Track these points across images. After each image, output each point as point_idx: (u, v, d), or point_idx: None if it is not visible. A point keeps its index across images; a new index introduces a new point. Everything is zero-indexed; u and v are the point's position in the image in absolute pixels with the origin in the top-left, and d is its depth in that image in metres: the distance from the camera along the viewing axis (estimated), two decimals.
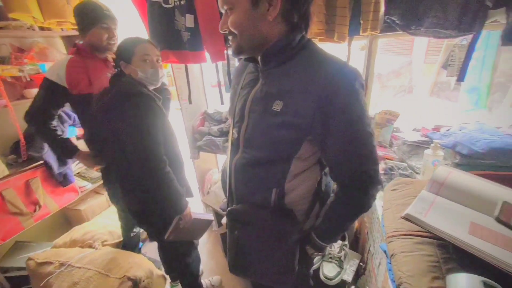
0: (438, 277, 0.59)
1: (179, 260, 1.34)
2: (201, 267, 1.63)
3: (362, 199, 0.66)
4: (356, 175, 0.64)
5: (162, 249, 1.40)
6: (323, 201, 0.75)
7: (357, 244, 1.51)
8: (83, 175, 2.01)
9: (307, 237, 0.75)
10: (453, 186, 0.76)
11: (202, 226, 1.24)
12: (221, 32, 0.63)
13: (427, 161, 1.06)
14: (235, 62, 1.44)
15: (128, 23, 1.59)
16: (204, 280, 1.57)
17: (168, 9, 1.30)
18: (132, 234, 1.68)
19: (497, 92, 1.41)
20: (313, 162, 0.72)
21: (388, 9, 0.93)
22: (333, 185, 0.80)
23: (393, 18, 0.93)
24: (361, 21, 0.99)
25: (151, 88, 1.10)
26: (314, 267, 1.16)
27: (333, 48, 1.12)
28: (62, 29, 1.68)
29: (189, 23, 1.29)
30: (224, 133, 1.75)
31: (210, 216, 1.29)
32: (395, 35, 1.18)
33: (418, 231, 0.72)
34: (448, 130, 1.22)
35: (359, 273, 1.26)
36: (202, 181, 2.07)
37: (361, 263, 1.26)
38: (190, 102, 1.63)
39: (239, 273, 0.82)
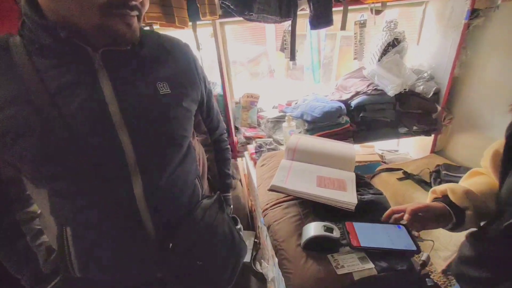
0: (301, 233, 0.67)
1: None
2: None
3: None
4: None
5: None
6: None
7: (254, 223, 1.61)
8: None
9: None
10: (301, 150, 0.89)
11: None
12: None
13: (285, 132, 1.21)
14: None
15: None
16: None
17: None
18: None
19: (324, 70, 1.82)
20: None
21: None
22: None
23: (227, 3, 0.95)
24: (198, 5, 0.95)
25: None
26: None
27: (177, 34, 1.05)
28: None
29: None
30: None
31: None
32: (238, 22, 1.24)
33: (284, 197, 0.80)
34: (296, 103, 1.45)
35: (256, 248, 1.34)
36: None
37: (256, 240, 1.34)
38: None
39: None
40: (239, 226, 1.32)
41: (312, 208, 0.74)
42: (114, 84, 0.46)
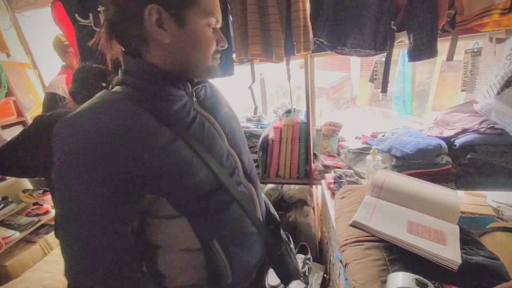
0: (386, 280, 0.61)
1: None
2: None
3: None
4: None
5: None
6: None
7: (322, 255, 1.53)
8: (8, 223, 1.69)
9: None
10: (390, 189, 0.82)
11: None
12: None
13: (369, 166, 1.14)
14: None
15: None
16: None
17: None
18: None
19: (417, 100, 1.64)
20: None
21: (315, 32, 1.02)
22: None
23: (321, 40, 1.02)
24: (294, 43, 1.06)
25: None
26: (277, 285, 1.12)
27: (270, 66, 1.20)
28: None
29: None
30: None
31: None
32: (327, 54, 1.29)
33: (366, 236, 0.75)
34: (383, 135, 1.35)
35: (325, 284, 1.26)
36: None
37: (325, 275, 1.26)
38: None
39: None
40: (309, 256, 1.29)
41: (399, 256, 0.67)
42: (209, 111, 0.58)
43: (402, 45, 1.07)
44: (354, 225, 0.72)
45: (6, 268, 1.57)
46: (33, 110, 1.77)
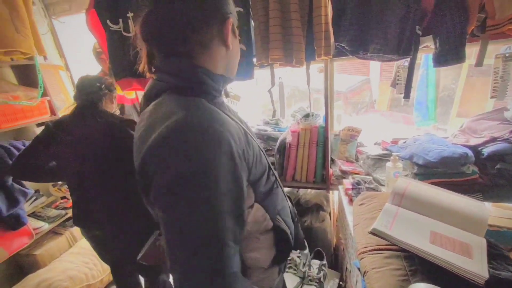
0: None
1: None
2: None
3: None
4: None
5: None
6: None
7: (337, 262, 1.50)
8: (39, 215, 1.81)
9: None
10: (412, 197, 0.80)
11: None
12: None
13: (389, 173, 1.12)
14: None
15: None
16: None
17: (128, 38, 1.29)
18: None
19: (441, 106, 1.57)
20: None
21: (336, 37, 1.02)
22: None
23: (342, 45, 1.02)
24: (315, 47, 1.06)
25: None
26: None
27: (290, 70, 1.20)
28: (12, 59, 1.58)
29: None
30: None
31: None
32: (348, 59, 1.28)
33: (386, 245, 0.74)
34: (404, 142, 1.32)
35: None
36: None
37: (341, 282, 1.24)
38: None
39: None
40: (324, 262, 1.28)
41: (420, 267, 0.66)
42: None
43: (426, 50, 1.04)
44: (374, 232, 0.71)
45: (36, 257, 1.67)
46: (63, 109, 1.88)
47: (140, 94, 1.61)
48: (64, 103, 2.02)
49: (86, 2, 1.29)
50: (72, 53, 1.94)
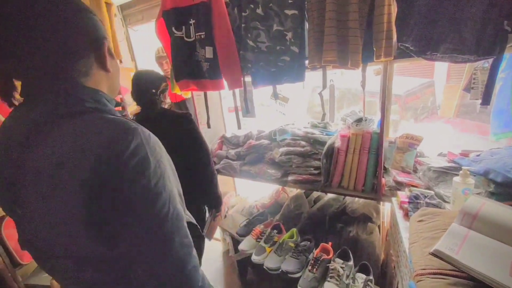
0: None
1: None
2: None
3: None
4: None
5: None
6: None
7: (384, 279, 1.38)
8: None
9: None
10: (488, 219, 0.69)
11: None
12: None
13: (456, 189, 0.98)
14: (252, 89, 1.49)
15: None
16: None
17: (189, 42, 1.41)
18: None
19: None
20: None
21: (400, 36, 0.94)
22: None
23: (406, 45, 0.93)
24: (374, 48, 1.00)
25: None
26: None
27: (344, 73, 1.14)
28: None
29: (208, 54, 1.38)
30: (241, 157, 1.76)
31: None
32: (412, 60, 1.17)
33: (450, 270, 0.65)
34: (478, 155, 1.14)
35: None
36: None
37: None
38: (209, 126, 1.69)
39: None
40: (371, 277, 1.19)
41: None
42: None
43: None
44: (436, 254, 0.64)
45: None
46: (132, 106, 2.15)
47: (196, 94, 1.74)
48: (133, 101, 2.31)
49: (156, 12, 1.45)
50: (140, 57, 2.21)
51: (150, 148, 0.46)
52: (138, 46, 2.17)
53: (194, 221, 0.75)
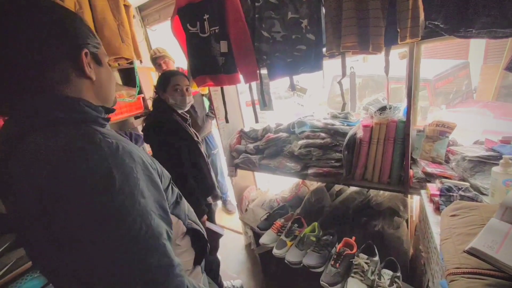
0: None
1: None
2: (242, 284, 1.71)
3: None
4: None
5: None
6: None
7: (413, 276, 1.31)
8: None
9: None
10: None
11: (212, 237, 1.20)
12: None
13: (496, 180, 0.89)
14: (268, 81, 1.46)
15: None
16: (226, 282, 1.66)
17: (204, 38, 1.41)
18: None
19: None
20: None
21: (428, 14, 0.84)
22: None
23: (435, 23, 0.84)
24: (399, 29, 0.92)
25: (179, 111, 1.40)
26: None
27: (366, 59, 1.07)
28: (118, 64, 1.95)
29: (223, 48, 1.37)
30: (259, 151, 1.75)
31: (222, 231, 1.26)
32: (442, 39, 1.06)
33: (489, 269, 0.59)
34: None
35: None
36: (240, 198, 2.09)
37: None
38: (227, 121, 1.69)
39: None
40: (398, 273, 1.14)
41: None
42: None
43: None
44: (473, 252, 0.58)
45: None
46: None
47: (213, 89, 1.75)
48: None
49: (172, 10, 1.46)
50: None
51: (117, 163, 0.43)
52: (157, 46, 2.22)
53: (199, 227, 0.77)
